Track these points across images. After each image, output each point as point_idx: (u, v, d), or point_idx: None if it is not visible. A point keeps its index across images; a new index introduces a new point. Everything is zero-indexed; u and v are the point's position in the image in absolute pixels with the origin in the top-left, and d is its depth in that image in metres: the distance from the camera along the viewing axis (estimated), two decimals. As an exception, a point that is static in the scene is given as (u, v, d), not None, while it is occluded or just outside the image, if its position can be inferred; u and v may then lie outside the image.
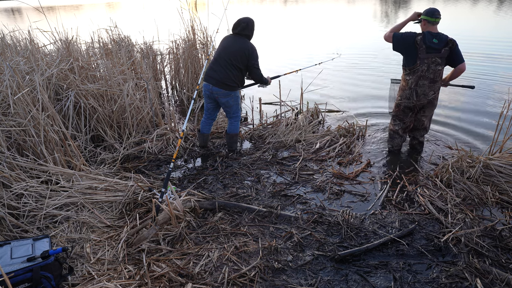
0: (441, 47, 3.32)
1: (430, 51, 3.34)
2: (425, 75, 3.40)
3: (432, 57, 3.35)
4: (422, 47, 3.33)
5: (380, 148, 3.98)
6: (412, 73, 3.46)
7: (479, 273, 2.16)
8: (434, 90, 3.47)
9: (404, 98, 3.59)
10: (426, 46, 3.33)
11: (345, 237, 2.54)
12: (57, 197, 2.83)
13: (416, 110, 3.62)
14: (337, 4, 29.78)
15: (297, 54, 9.68)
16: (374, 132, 4.40)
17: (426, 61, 3.36)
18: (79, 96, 3.94)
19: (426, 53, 3.34)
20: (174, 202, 2.70)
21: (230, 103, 3.72)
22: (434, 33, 3.35)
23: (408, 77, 3.51)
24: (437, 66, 3.37)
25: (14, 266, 1.96)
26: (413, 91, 3.50)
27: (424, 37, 3.33)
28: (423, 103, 3.53)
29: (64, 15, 16.91)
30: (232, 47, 3.57)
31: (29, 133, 3.11)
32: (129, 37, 6.22)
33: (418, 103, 3.53)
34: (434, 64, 3.36)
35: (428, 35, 3.34)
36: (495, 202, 2.88)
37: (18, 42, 5.49)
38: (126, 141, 4.12)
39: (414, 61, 3.41)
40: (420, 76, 3.42)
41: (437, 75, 3.42)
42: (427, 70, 3.38)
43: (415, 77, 3.45)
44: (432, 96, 3.49)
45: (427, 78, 3.41)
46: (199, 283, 2.15)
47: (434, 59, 3.35)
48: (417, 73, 3.43)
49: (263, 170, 3.58)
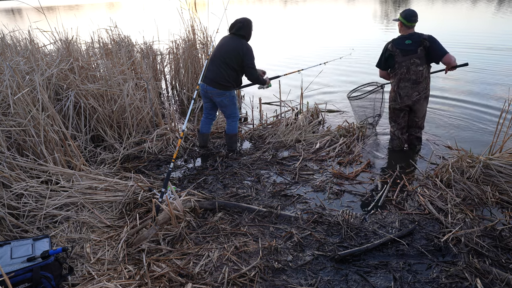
0: (416, 47, 3.37)
1: (406, 53, 3.40)
2: (406, 77, 3.46)
3: (409, 59, 3.40)
4: (397, 52, 3.42)
5: (380, 148, 3.98)
6: (394, 76, 3.56)
7: (479, 273, 2.16)
8: (418, 91, 3.49)
9: (391, 100, 3.70)
10: (400, 49, 3.40)
11: (345, 237, 2.54)
12: (57, 197, 2.83)
13: (406, 110, 3.68)
14: (337, 4, 29.78)
15: (297, 54, 9.68)
16: (374, 132, 4.40)
17: (404, 64, 3.43)
18: (79, 96, 3.94)
19: (402, 56, 3.42)
20: (174, 202, 2.70)
21: (225, 103, 3.71)
22: (407, 35, 3.42)
23: (392, 80, 3.62)
24: (417, 67, 3.41)
25: (14, 266, 1.96)
26: (396, 93, 3.58)
27: (394, 43, 3.44)
28: (409, 104, 3.58)
29: (64, 15, 16.91)
30: (227, 47, 3.58)
31: (29, 133, 3.11)
32: (129, 37, 6.22)
33: (403, 104, 3.58)
34: (414, 65, 3.40)
35: (398, 40, 3.44)
36: (495, 202, 2.88)
37: (18, 42, 5.49)
38: (126, 141, 4.12)
39: (393, 65, 3.51)
40: (400, 78, 3.50)
41: (420, 76, 3.44)
42: (407, 72, 3.44)
43: (396, 79, 3.54)
44: (417, 97, 3.51)
45: (408, 80, 3.46)
46: (199, 283, 2.15)
47: (413, 61, 3.40)
48: (397, 76, 3.52)
49: (263, 170, 3.58)
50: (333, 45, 10.61)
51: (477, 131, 4.31)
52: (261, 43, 11.00)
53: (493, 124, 4.38)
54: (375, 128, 4.44)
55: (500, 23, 13.64)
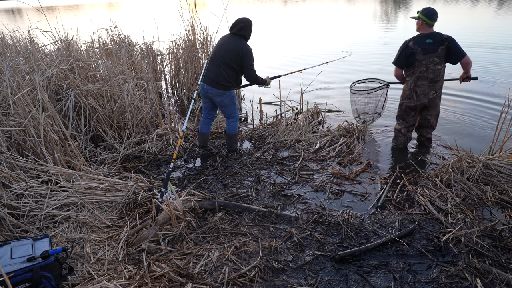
0: (437, 46, 3.37)
1: (427, 52, 3.39)
2: (424, 75, 3.46)
3: (429, 58, 3.39)
4: (418, 50, 3.40)
5: (380, 148, 3.98)
6: (411, 74, 3.54)
7: (479, 273, 2.16)
8: (435, 89, 3.50)
9: (405, 98, 3.67)
10: (421, 48, 3.39)
11: (345, 237, 2.54)
12: (57, 197, 2.83)
13: (419, 109, 3.66)
14: (337, 4, 29.77)
15: (297, 54, 9.67)
16: (374, 132, 4.40)
17: (424, 62, 3.42)
18: (79, 96, 3.94)
19: (423, 55, 3.40)
20: (174, 202, 2.70)
21: (225, 103, 3.71)
22: (428, 34, 3.41)
23: (408, 78, 3.60)
24: (436, 65, 3.41)
25: (14, 266, 1.96)
26: (412, 91, 3.56)
27: (415, 41, 3.41)
28: (424, 103, 3.57)
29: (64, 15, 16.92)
30: (227, 47, 3.57)
31: (29, 133, 3.11)
32: (129, 37, 6.22)
33: (419, 102, 3.57)
34: (433, 64, 3.41)
35: (419, 38, 3.41)
36: (495, 202, 2.88)
37: (18, 42, 5.49)
38: (126, 141, 4.12)
39: (412, 63, 3.47)
40: (418, 76, 3.49)
41: (437, 75, 3.45)
42: (426, 70, 3.44)
43: (414, 77, 3.52)
44: (433, 95, 3.52)
45: (426, 78, 3.46)
46: (199, 283, 2.15)
47: (432, 59, 3.40)
48: (415, 74, 3.50)
49: (263, 170, 3.58)
50: (333, 45, 10.60)
51: (477, 131, 4.31)
52: (261, 43, 11.00)
53: (493, 124, 4.38)
54: (368, 125, 4.42)
55: (501, 22, 13.63)
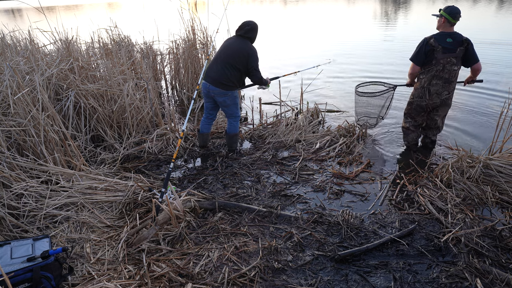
0: (456, 46, 3.31)
1: (445, 51, 3.32)
2: (439, 75, 3.39)
3: (447, 57, 3.33)
4: (439, 48, 3.32)
5: (380, 148, 3.98)
6: (426, 72, 3.46)
7: (479, 273, 2.16)
8: (448, 90, 3.44)
9: (416, 96, 3.59)
10: (442, 47, 3.32)
11: (345, 237, 2.54)
12: (57, 197, 2.83)
13: (429, 109, 3.61)
14: (337, 4, 29.77)
15: (297, 55, 9.67)
16: (374, 132, 4.40)
17: (441, 61, 3.35)
18: (79, 96, 3.94)
19: (442, 54, 3.33)
20: (174, 202, 2.70)
21: (228, 103, 3.72)
22: (448, 33, 3.34)
23: (422, 76, 3.51)
24: (452, 66, 3.35)
25: (14, 266, 1.96)
26: (425, 89, 3.49)
27: (436, 38, 3.33)
28: (436, 103, 3.51)
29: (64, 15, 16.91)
30: (233, 48, 3.59)
31: (29, 133, 3.11)
32: (129, 37, 6.22)
33: (431, 102, 3.51)
34: (450, 64, 3.35)
35: (440, 36, 3.34)
36: (495, 202, 2.88)
37: (18, 42, 5.49)
38: (126, 141, 4.12)
39: (430, 61, 3.39)
40: (434, 75, 3.42)
41: (452, 75, 3.39)
42: (442, 70, 3.37)
43: (428, 76, 3.44)
44: (446, 96, 3.47)
45: (441, 78, 3.40)
46: (199, 283, 2.15)
47: (450, 59, 3.33)
48: (431, 72, 3.42)
49: (263, 170, 3.58)
50: (333, 45, 10.61)
51: (477, 131, 4.31)
52: (262, 43, 10.99)
53: (493, 124, 4.38)
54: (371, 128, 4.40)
55: (501, 22, 13.63)
